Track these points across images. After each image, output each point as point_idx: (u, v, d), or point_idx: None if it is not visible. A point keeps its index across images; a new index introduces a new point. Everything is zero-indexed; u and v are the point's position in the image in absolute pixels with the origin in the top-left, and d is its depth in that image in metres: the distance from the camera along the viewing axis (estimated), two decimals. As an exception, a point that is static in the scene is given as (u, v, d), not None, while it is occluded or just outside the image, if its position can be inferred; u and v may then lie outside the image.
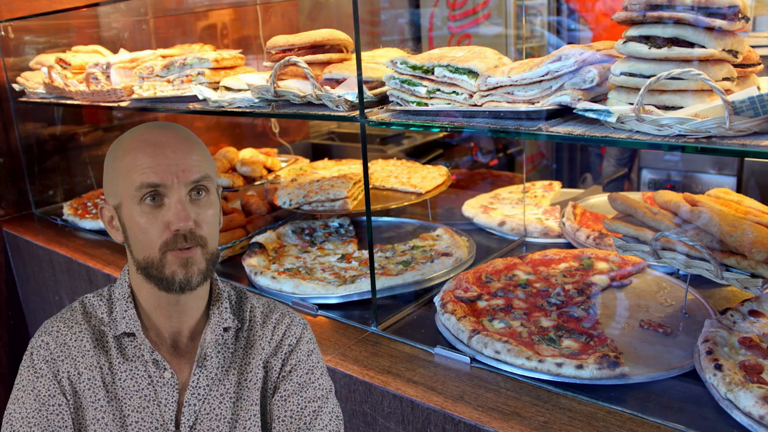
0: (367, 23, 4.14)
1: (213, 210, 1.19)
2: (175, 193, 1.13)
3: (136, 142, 1.16)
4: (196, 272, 1.15)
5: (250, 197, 3.01)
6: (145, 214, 1.13)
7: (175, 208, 1.12)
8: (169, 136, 1.17)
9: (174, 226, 1.12)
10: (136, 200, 1.14)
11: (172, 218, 1.12)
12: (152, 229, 1.13)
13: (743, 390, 1.34)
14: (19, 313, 3.45)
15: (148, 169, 1.12)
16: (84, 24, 3.67)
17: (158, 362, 1.21)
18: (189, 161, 1.15)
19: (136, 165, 1.13)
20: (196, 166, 1.16)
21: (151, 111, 2.65)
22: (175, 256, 1.14)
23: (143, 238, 1.15)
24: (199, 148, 1.20)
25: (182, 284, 1.15)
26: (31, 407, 1.16)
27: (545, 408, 1.47)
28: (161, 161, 1.13)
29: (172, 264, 1.14)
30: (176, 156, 1.14)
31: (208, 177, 1.18)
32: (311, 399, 1.28)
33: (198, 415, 1.21)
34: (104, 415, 1.18)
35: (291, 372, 1.29)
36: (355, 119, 1.83)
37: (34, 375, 1.18)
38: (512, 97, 1.61)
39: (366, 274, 2.17)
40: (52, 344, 1.20)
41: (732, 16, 1.32)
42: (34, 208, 3.52)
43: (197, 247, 1.15)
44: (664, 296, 1.92)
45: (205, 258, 1.17)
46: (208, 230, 1.17)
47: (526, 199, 2.82)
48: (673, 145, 1.29)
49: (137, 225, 1.14)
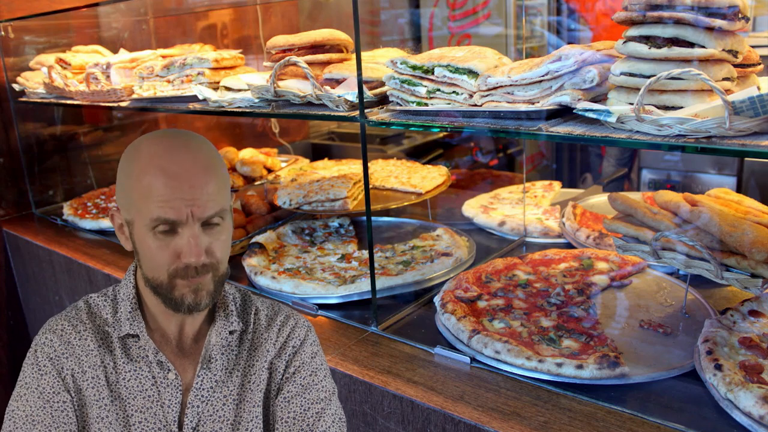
0: (367, 23, 4.14)
1: (226, 235, 1.18)
2: (189, 228, 1.11)
3: (154, 167, 1.11)
4: (206, 296, 1.16)
5: (250, 197, 3.01)
6: (157, 240, 1.12)
7: (188, 243, 1.11)
8: (187, 166, 1.12)
9: (185, 260, 1.12)
10: (149, 228, 1.12)
11: (185, 251, 1.12)
12: (162, 256, 1.12)
13: (743, 390, 1.34)
14: (19, 313, 3.45)
15: (165, 204, 1.09)
16: (84, 24, 3.67)
17: (162, 363, 1.21)
18: (205, 196, 1.12)
19: (151, 195, 1.10)
20: (212, 201, 1.12)
21: (151, 111, 2.65)
22: (185, 282, 1.14)
23: (152, 262, 1.14)
24: (217, 177, 1.15)
25: (191, 307, 1.15)
26: (35, 404, 1.16)
27: (545, 408, 1.47)
28: (177, 195, 1.10)
29: (182, 288, 1.14)
30: (193, 191, 1.10)
31: (224, 210, 1.15)
32: (314, 401, 1.28)
33: (201, 417, 1.22)
34: (108, 413, 1.18)
35: (294, 374, 1.29)
36: (355, 119, 1.82)
37: (38, 372, 1.18)
38: (512, 97, 1.61)
39: (366, 274, 2.17)
40: (57, 342, 1.20)
41: (732, 16, 1.32)
42: (34, 208, 3.52)
43: (208, 273, 1.15)
44: (664, 296, 1.92)
45: (215, 281, 1.17)
46: (220, 254, 1.16)
47: (526, 199, 2.81)
48: (673, 145, 1.29)
49: (147, 248, 1.14)
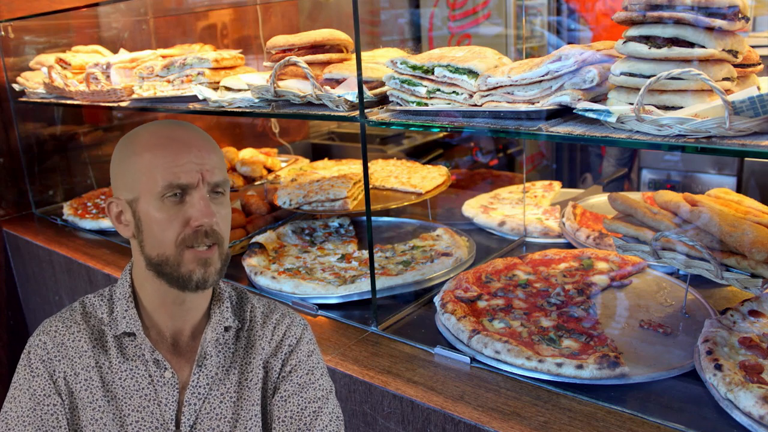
0: (367, 23, 4.14)
1: (228, 210, 1.21)
2: (198, 191, 1.14)
3: (158, 138, 1.16)
4: (213, 272, 1.17)
5: (250, 197, 3.01)
6: (166, 209, 1.13)
7: (198, 205, 1.13)
8: (192, 135, 1.18)
9: (197, 221, 1.13)
10: (157, 197, 1.13)
11: (197, 214, 1.13)
12: (171, 225, 1.14)
13: (743, 390, 1.34)
14: (19, 313, 3.45)
15: (177, 169, 1.12)
16: (84, 24, 3.67)
17: (159, 362, 1.21)
18: (212, 162, 1.17)
19: (159, 163, 1.13)
20: (219, 168, 1.18)
21: (151, 111, 2.65)
22: (193, 254, 1.14)
23: (160, 234, 1.15)
24: (218, 150, 1.21)
25: (198, 283, 1.15)
26: (26, 406, 1.16)
27: (545, 408, 1.47)
28: (188, 160, 1.13)
29: (190, 262, 1.15)
30: (201, 155, 1.15)
31: (227, 180, 1.21)
32: (311, 399, 1.28)
33: (198, 415, 1.21)
34: (102, 415, 1.18)
35: (291, 372, 1.29)
36: (355, 119, 1.82)
37: (30, 374, 1.19)
38: (512, 97, 1.61)
39: (366, 274, 2.17)
40: (50, 344, 1.20)
41: (732, 16, 1.32)
42: (34, 208, 3.52)
43: (215, 246, 1.16)
44: (664, 296, 1.92)
45: (221, 258, 1.18)
46: (224, 229, 1.19)
47: (526, 199, 2.81)
48: (673, 145, 1.29)
49: (155, 220, 1.14)
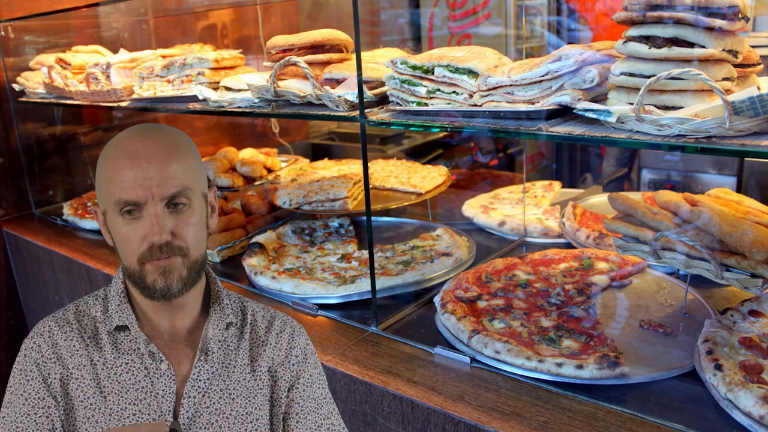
0: (367, 23, 4.14)
1: (195, 218, 1.18)
2: (151, 207, 1.13)
3: (117, 151, 1.16)
4: (176, 279, 1.16)
5: (250, 197, 3.01)
6: (126, 225, 1.15)
7: (150, 222, 1.13)
8: (147, 145, 1.14)
9: (148, 239, 1.14)
10: (117, 212, 1.15)
11: (148, 231, 1.13)
12: (131, 241, 1.15)
13: (743, 390, 1.34)
14: (19, 313, 3.45)
15: (125, 184, 1.12)
16: (84, 24, 3.67)
17: (154, 354, 1.21)
18: (165, 174, 1.13)
19: (114, 178, 1.14)
20: (173, 179, 1.14)
21: (151, 111, 2.65)
22: (153, 265, 1.15)
23: (125, 248, 1.17)
24: (180, 157, 1.16)
25: (163, 292, 1.16)
26: (20, 410, 1.16)
27: (545, 408, 1.47)
28: (137, 174, 1.12)
29: (152, 273, 1.16)
30: (152, 168, 1.12)
31: (188, 189, 1.16)
32: (326, 416, 1.33)
33: (198, 408, 1.21)
34: (98, 412, 1.18)
35: (305, 389, 1.32)
36: (355, 119, 1.82)
37: (24, 378, 1.19)
38: (512, 97, 1.61)
39: (366, 274, 2.17)
40: (44, 346, 1.21)
41: (732, 16, 1.32)
42: (34, 208, 3.52)
43: (176, 256, 1.15)
44: (664, 296, 1.92)
45: (187, 266, 1.17)
46: (190, 239, 1.17)
47: (526, 199, 2.81)
48: (673, 145, 1.29)
49: (119, 234, 1.16)
